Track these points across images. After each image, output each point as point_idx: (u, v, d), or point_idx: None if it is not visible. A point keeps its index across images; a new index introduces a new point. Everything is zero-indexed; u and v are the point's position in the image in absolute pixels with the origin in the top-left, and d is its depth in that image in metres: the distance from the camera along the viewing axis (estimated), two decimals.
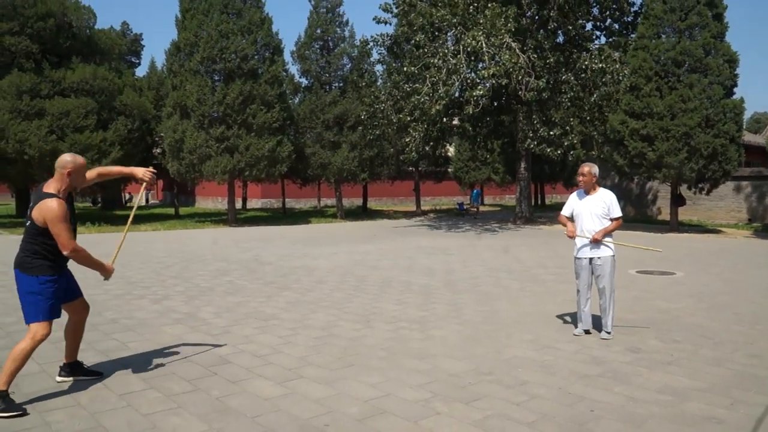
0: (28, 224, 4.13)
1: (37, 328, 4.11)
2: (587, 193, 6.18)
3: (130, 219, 4.89)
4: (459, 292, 8.68)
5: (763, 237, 18.34)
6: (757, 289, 8.98)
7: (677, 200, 19.84)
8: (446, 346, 5.71)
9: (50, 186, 4.16)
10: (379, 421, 3.89)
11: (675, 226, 19.87)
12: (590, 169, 6.09)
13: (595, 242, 6.01)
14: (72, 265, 4.35)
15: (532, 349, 5.62)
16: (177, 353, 5.37)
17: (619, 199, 6.27)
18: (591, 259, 6.10)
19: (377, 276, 10.24)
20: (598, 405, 4.18)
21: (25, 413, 3.95)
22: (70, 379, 4.62)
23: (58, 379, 4.61)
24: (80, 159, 4.25)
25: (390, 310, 7.36)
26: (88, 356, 5.30)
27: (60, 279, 4.27)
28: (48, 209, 4.00)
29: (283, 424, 3.83)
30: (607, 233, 6.03)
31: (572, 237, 6.21)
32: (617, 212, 6.08)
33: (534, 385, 4.59)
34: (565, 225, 6.35)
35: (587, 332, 6.15)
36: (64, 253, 4.11)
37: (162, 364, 5.01)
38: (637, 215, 25.87)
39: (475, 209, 31.08)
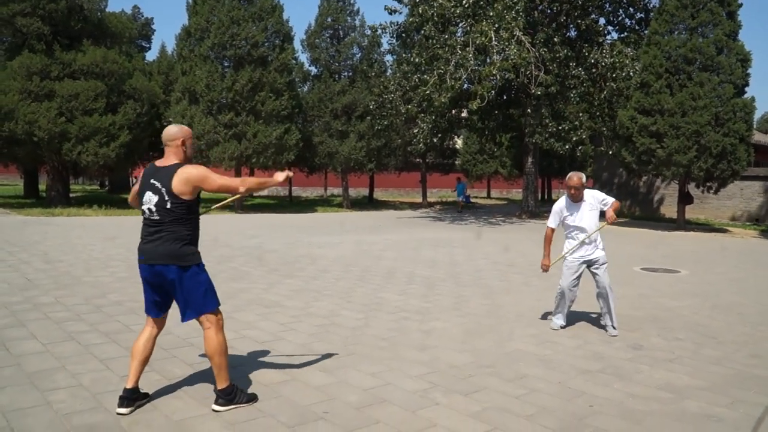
0: (168, 207, 3.65)
1: (218, 316, 3.97)
2: (575, 200, 6.05)
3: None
4: (462, 284, 8.68)
5: None
6: (762, 290, 8.93)
7: (685, 198, 19.74)
8: (448, 337, 5.72)
9: (170, 160, 3.75)
10: (378, 410, 3.90)
11: (682, 224, 19.79)
12: (579, 179, 5.92)
13: (612, 222, 6.02)
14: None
15: (533, 343, 5.62)
16: (178, 337, 5.39)
17: (626, 197, 6.22)
18: (587, 261, 6.08)
19: (381, 266, 10.25)
20: (597, 400, 4.18)
21: (256, 399, 3.99)
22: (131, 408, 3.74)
23: (123, 411, 3.68)
24: (185, 127, 3.88)
25: (393, 301, 7.38)
26: (91, 337, 5.35)
27: None
28: (193, 172, 3.63)
29: (282, 410, 3.85)
30: (616, 211, 6.02)
31: (546, 269, 6.33)
32: (610, 199, 6.12)
33: (534, 379, 4.59)
34: (546, 245, 6.36)
35: (563, 327, 6.21)
36: (241, 190, 3.73)
37: (163, 347, 5.04)
38: (643, 213, 25.77)
39: (462, 203, 28.84)
